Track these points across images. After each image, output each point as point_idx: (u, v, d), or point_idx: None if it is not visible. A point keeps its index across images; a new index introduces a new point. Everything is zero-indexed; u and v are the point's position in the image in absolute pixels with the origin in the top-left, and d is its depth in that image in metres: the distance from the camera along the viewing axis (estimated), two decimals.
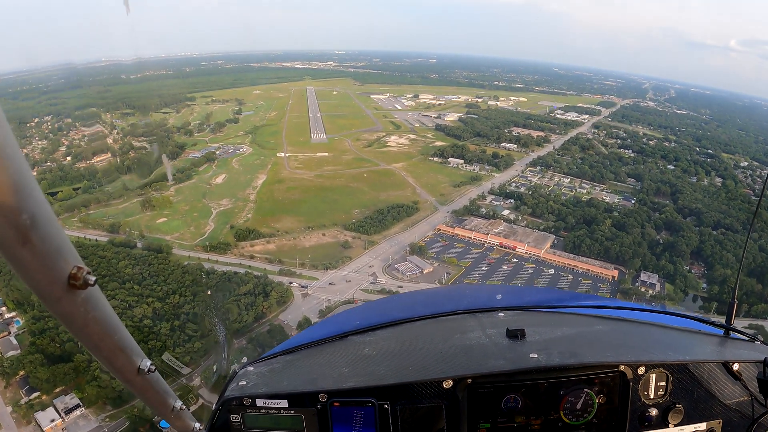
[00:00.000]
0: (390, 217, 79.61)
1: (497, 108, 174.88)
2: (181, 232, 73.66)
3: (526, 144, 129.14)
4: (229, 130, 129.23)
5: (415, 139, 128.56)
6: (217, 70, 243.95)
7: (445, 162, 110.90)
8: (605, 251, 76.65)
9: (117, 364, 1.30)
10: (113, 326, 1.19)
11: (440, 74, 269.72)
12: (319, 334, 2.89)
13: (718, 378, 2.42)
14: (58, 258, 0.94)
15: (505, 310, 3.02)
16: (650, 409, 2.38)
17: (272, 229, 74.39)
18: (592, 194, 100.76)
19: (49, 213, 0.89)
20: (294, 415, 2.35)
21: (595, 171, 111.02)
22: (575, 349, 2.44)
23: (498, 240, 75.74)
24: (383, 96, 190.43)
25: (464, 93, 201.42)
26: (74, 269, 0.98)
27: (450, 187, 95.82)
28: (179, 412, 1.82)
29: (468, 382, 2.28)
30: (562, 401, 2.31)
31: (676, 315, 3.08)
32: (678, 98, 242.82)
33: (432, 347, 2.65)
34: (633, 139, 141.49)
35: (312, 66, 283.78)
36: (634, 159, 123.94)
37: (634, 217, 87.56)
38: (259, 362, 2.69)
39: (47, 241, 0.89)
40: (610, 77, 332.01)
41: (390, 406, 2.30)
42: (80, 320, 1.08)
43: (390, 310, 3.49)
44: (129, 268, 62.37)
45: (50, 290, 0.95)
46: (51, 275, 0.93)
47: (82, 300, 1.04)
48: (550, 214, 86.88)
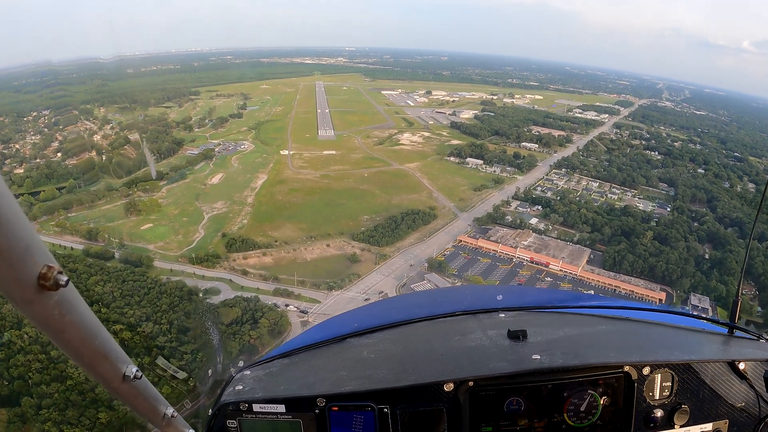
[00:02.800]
0: (404, 226, 68.00)
1: (513, 106, 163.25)
2: (166, 240, 62.74)
3: (548, 144, 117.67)
4: (232, 125, 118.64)
5: (430, 137, 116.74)
6: (226, 64, 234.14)
7: (462, 162, 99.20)
8: (650, 269, 64.98)
9: (100, 371, 1.19)
10: (93, 330, 1.09)
11: (452, 71, 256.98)
12: (317, 336, 2.73)
13: (723, 377, 2.33)
14: (25, 256, 0.83)
15: (506, 311, 2.88)
16: (655, 410, 2.28)
17: (269, 238, 63.18)
18: (624, 200, 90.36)
19: (14, 207, 0.80)
20: (292, 420, 2.24)
21: (625, 174, 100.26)
22: (578, 350, 2.34)
23: (528, 254, 64.01)
24: (394, 92, 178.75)
25: (478, 90, 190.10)
26: (44, 269, 0.87)
27: (470, 191, 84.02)
28: (171, 419, 1.69)
29: (469, 384, 2.19)
30: (565, 403, 2.21)
31: (679, 314, 2.98)
32: (694, 99, 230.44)
33: (432, 349, 2.53)
34: (657, 140, 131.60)
35: (322, 62, 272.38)
36: (663, 162, 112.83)
37: (675, 228, 75.70)
38: (256, 366, 2.55)
39: (13, 238, 0.80)
40: (622, 77, 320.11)
41: (390, 410, 2.20)
42: (56, 324, 0.97)
43: (388, 312, 3.35)
44: (100, 285, 51.66)
45: (19, 292, 0.85)
46: (18, 276, 0.83)
47: (55, 302, 0.93)
48: (583, 223, 74.94)
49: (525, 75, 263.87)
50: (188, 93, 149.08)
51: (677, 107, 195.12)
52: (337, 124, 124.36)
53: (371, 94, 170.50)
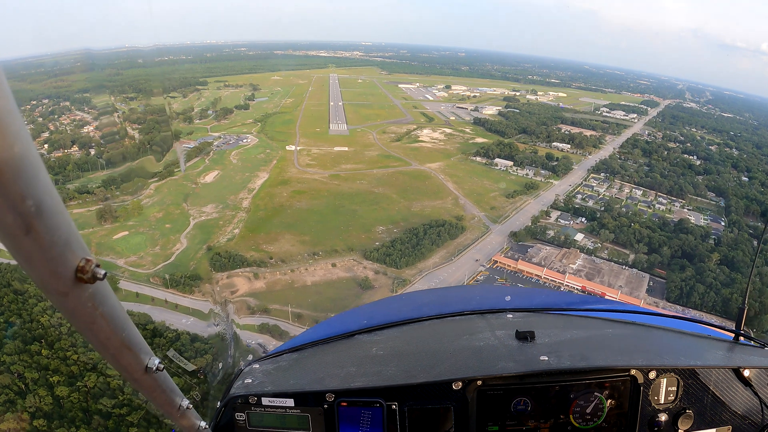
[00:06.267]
0: (427, 241, 54.38)
1: (538, 102, 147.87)
2: (141, 253, 50.11)
3: (581, 144, 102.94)
4: (237, 117, 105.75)
5: (452, 134, 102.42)
6: (239, 56, 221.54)
7: (490, 163, 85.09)
8: (723, 303, 51.04)
9: (124, 362, 1.18)
10: (121, 323, 1.07)
11: (471, 67, 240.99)
12: (326, 332, 2.70)
13: (728, 384, 2.29)
14: (65, 249, 0.80)
15: (514, 312, 2.85)
16: (660, 414, 2.25)
17: (263, 253, 50.15)
18: (673, 212, 76.25)
19: (56, 200, 0.76)
20: (300, 414, 2.21)
21: (670, 182, 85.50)
22: (586, 353, 2.29)
23: (579, 282, 50.24)
24: (412, 86, 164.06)
25: (499, 86, 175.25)
26: (82, 262, 0.84)
27: (501, 197, 69.93)
28: (185, 411, 1.67)
29: (477, 383, 2.16)
30: (572, 405, 2.18)
31: (685, 319, 2.89)
32: (716, 101, 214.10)
33: (440, 348, 2.48)
34: (693, 144, 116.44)
35: (337, 55, 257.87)
36: (705, 168, 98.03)
37: (741, 249, 61.41)
38: (265, 360, 2.52)
39: (53, 230, 0.77)
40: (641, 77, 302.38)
41: (398, 407, 2.18)
42: (87, 317, 0.95)
43: (397, 310, 3.26)
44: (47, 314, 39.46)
45: (56, 284, 0.82)
46: (57, 268, 0.81)
47: (89, 295, 0.91)
48: (637, 242, 60.74)
49: (545, 72, 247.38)
50: (195, 83, 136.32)
51: (702, 108, 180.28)
52: (350, 118, 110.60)
53: (388, 88, 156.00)
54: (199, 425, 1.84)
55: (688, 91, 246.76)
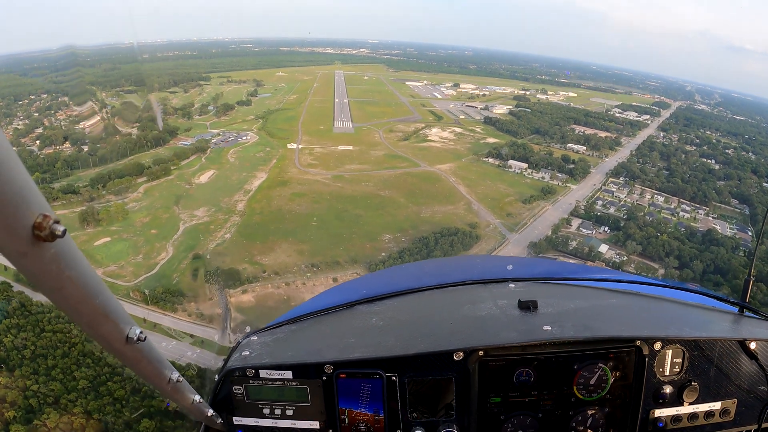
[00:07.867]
0: (439, 251, 48.58)
1: (549, 102, 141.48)
2: (122, 262, 44.61)
3: (597, 146, 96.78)
4: (238, 113, 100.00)
5: (462, 134, 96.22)
6: (244, 52, 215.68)
7: (503, 165, 78.95)
8: None
9: (102, 332, 1.07)
10: (94, 288, 0.95)
11: (479, 65, 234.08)
12: (325, 303, 2.61)
13: (734, 356, 2.24)
14: (19, 204, 0.71)
15: (516, 281, 2.74)
16: (665, 386, 2.19)
17: (256, 265, 44.44)
18: (698, 220, 70.45)
19: (8, 151, 0.68)
20: (299, 386, 2.17)
21: (693, 188, 79.52)
22: (589, 323, 2.23)
23: None
24: (419, 83, 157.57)
25: (508, 85, 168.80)
26: (39, 218, 0.74)
27: (517, 203, 63.89)
28: (176, 384, 1.55)
29: (479, 354, 2.09)
30: (575, 376, 2.12)
31: (689, 291, 2.81)
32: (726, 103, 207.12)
33: (441, 318, 2.43)
34: (710, 147, 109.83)
35: (343, 52, 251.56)
36: (726, 173, 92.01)
37: None
38: (263, 332, 2.44)
39: (6, 184, 0.68)
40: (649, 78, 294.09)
41: (398, 378, 2.12)
42: (53, 281, 0.84)
43: (398, 280, 3.15)
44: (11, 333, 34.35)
45: (13, 244, 0.72)
46: (12, 225, 0.71)
47: (52, 256, 0.80)
48: (666, 255, 54.72)
49: (554, 72, 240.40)
50: (198, 78, 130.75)
51: (714, 111, 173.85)
52: (356, 116, 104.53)
53: (395, 85, 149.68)
54: (193, 399, 1.77)
55: (697, 92, 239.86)
